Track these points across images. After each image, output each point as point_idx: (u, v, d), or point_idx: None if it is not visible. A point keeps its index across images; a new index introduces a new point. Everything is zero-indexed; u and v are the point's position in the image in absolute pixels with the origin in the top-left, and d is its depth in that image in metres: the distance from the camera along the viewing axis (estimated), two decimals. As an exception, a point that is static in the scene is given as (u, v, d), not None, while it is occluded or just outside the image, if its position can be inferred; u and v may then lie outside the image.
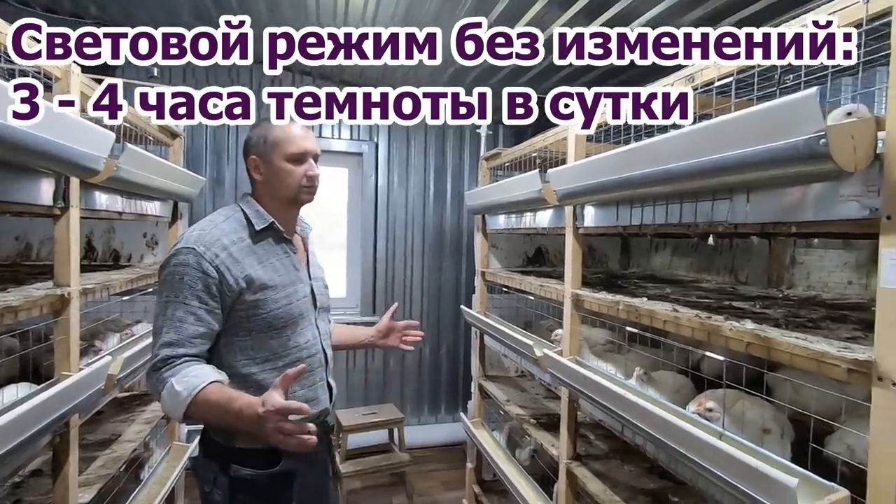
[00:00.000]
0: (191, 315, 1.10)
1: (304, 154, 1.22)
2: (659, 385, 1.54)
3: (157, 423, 2.21)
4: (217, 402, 1.03)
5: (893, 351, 0.78)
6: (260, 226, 1.22)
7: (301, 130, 1.23)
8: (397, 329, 1.55)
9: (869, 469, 0.81)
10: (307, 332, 1.27)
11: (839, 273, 1.83)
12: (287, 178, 1.22)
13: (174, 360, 1.08)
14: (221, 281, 1.12)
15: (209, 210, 3.43)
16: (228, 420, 1.03)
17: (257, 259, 1.19)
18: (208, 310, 1.11)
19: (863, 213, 0.83)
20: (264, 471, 1.15)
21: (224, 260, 1.13)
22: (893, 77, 0.77)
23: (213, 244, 1.14)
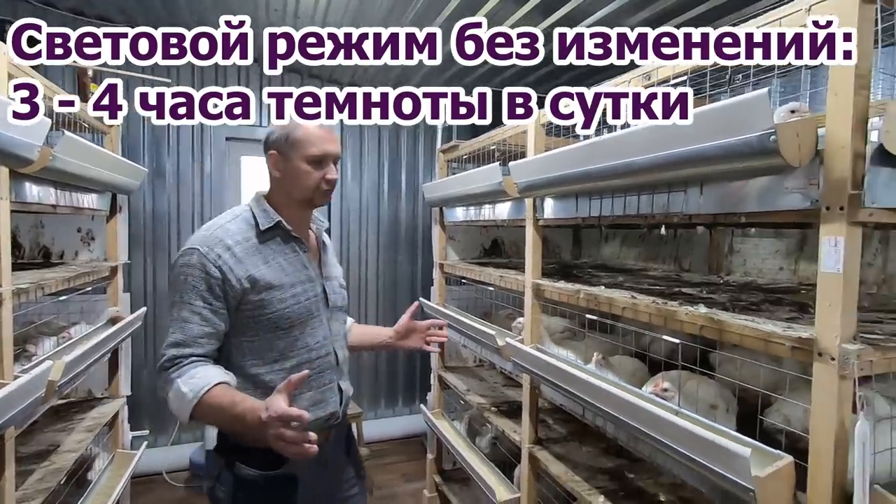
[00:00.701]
0: (196, 315, 1.11)
1: (324, 157, 1.20)
2: (616, 369, 1.62)
3: (100, 430, 2.07)
4: (221, 405, 1.03)
5: (831, 330, 0.86)
6: (265, 225, 1.20)
7: (324, 132, 1.21)
8: (419, 329, 1.48)
9: (811, 436, 0.89)
10: (317, 333, 1.24)
11: (772, 260, 1.99)
12: (304, 180, 1.20)
13: (181, 360, 1.08)
14: (224, 281, 1.12)
15: (148, 204, 3.24)
16: (232, 423, 1.04)
17: (262, 259, 1.18)
18: (213, 310, 1.12)
19: (805, 203, 0.91)
20: (267, 472, 1.15)
21: (227, 260, 1.13)
22: (833, 79, 0.84)
23: (217, 244, 1.14)
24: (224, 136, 3.38)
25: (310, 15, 2.61)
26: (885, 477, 0.92)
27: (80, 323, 2.17)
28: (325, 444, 1.20)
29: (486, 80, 3.11)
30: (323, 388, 1.24)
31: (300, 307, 1.20)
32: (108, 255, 2.37)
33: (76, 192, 1.87)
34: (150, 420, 3.30)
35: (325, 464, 1.26)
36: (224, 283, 1.12)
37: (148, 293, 3.27)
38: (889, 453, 0.94)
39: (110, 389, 2.37)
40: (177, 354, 1.09)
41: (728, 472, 0.93)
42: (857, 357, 0.83)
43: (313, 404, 1.19)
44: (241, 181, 3.53)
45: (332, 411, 1.25)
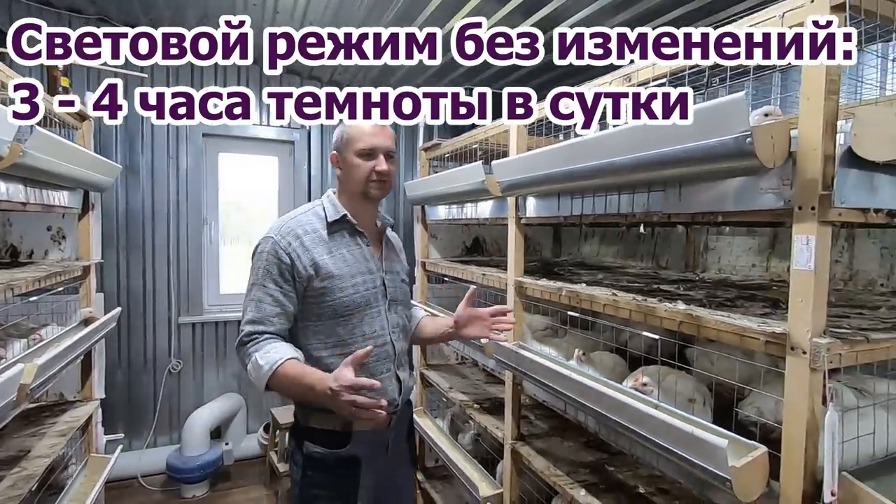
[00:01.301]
0: (268, 296, 1.24)
1: (372, 150, 1.29)
2: (597, 365, 1.65)
3: (72, 435, 2.01)
4: (293, 376, 1.15)
5: (803, 324, 0.90)
6: (332, 218, 1.31)
7: (373, 128, 1.30)
8: (482, 317, 1.45)
9: (783, 426, 0.93)
10: (375, 322, 1.32)
11: (745, 257, 2.05)
12: (356, 173, 1.30)
13: (257, 336, 1.22)
14: (293, 266, 1.25)
15: (121, 202, 3.15)
16: (303, 393, 1.16)
17: (327, 249, 1.29)
18: (283, 292, 1.25)
19: (779, 203, 0.95)
20: (333, 450, 1.27)
21: (296, 248, 1.26)
22: (805, 82, 0.88)
23: (288, 234, 1.27)
24: (201, 132, 3.31)
25: (289, 11, 2.57)
26: (852, 464, 0.97)
27: (51, 324, 2.10)
28: (385, 431, 1.34)
29: (471, 77, 3.11)
30: (380, 377, 1.30)
31: (359, 296, 1.29)
32: (80, 255, 2.30)
33: (47, 190, 1.81)
34: (125, 423, 3.22)
35: (386, 449, 1.36)
36: (293, 269, 1.24)
37: (122, 293, 3.18)
38: (856, 442, 0.98)
39: (83, 392, 2.31)
40: (252, 331, 1.22)
41: (705, 462, 0.96)
42: (827, 350, 0.87)
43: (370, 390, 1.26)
44: (218, 178, 3.47)
45: (390, 399, 1.31)
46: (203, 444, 3.10)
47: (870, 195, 0.89)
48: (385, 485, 1.38)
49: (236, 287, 3.51)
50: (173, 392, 3.35)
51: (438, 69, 3.06)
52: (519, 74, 3.01)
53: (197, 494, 3.04)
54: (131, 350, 3.24)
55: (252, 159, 3.58)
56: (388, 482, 1.39)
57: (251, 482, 3.22)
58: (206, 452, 3.08)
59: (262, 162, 3.61)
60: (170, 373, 3.32)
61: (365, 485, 1.31)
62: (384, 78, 3.34)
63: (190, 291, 3.34)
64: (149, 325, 3.28)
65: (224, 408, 3.32)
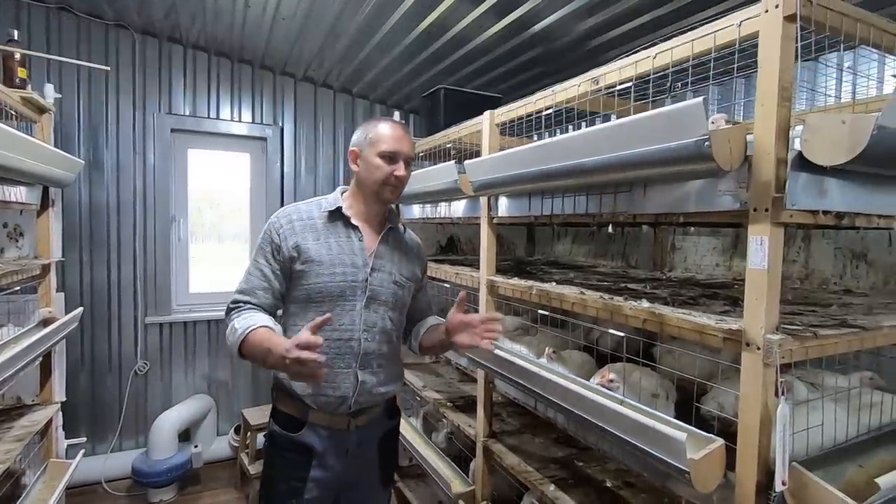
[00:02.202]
0: (258, 271, 1.35)
1: (395, 154, 1.34)
2: (567, 362, 1.68)
3: (30, 439, 1.94)
4: (259, 340, 1.20)
5: (757, 321, 0.93)
6: (327, 209, 1.38)
7: (399, 132, 1.36)
8: (472, 324, 1.35)
9: (739, 418, 0.97)
10: (345, 316, 1.34)
11: (709, 257, 2.12)
12: (375, 172, 1.34)
13: (241, 304, 1.32)
14: (280, 247, 1.33)
15: (84, 198, 3.05)
16: (263, 356, 1.19)
17: (315, 236, 1.35)
18: (272, 269, 1.35)
19: (735, 205, 0.98)
20: (288, 433, 1.35)
21: (287, 231, 1.34)
22: (760, 90, 0.91)
23: (283, 218, 1.37)
24: (169, 127, 3.22)
25: (261, 5, 2.53)
26: (803, 455, 1.01)
27: (7, 325, 2.02)
28: (345, 431, 1.37)
29: (445, 78, 3.12)
30: (337, 370, 1.33)
31: (335, 286, 1.33)
32: (38, 253, 2.21)
33: (2, 185, 1.73)
34: (88, 427, 3.12)
35: (346, 452, 1.38)
36: (280, 250, 1.33)
37: (85, 292, 3.08)
38: (807, 433, 1.03)
39: (42, 395, 2.22)
40: (238, 299, 1.33)
41: (666, 455, 0.99)
42: (779, 346, 0.91)
43: (325, 381, 1.27)
44: (187, 175, 3.39)
45: (342, 395, 1.34)
46: (171, 446, 3.03)
47: (819, 198, 0.94)
48: (343, 489, 1.40)
49: (208, 286, 3.43)
50: (140, 394, 3.26)
51: (413, 68, 3.06)
52: (495, 74, 3.03)
53: (164, 499, 2.97)
54: (95, 351, 3.14)
55: (223, 156, 3.51)
56: (348, 488, 1.41)
57: (221, 485, 3.16)
58: (173, 455, 3.01)
59: (234, 158, 3.54)
60: (136, 374, 3.23)
61: (315, 478, 1.34)
62: (360, 74, 3.31)
63: (157, 291, 3.26)
64: (114, 326, 3.18)
65: (193, 409, 3.25)
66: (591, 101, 1.40)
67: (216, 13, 2.70)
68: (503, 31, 2.46)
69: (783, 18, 0.88)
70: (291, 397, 1.36)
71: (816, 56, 1.05)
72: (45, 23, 2.86)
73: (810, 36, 0.96)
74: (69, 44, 2.92)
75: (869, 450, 1.11)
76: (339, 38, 2.79)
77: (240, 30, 2.88)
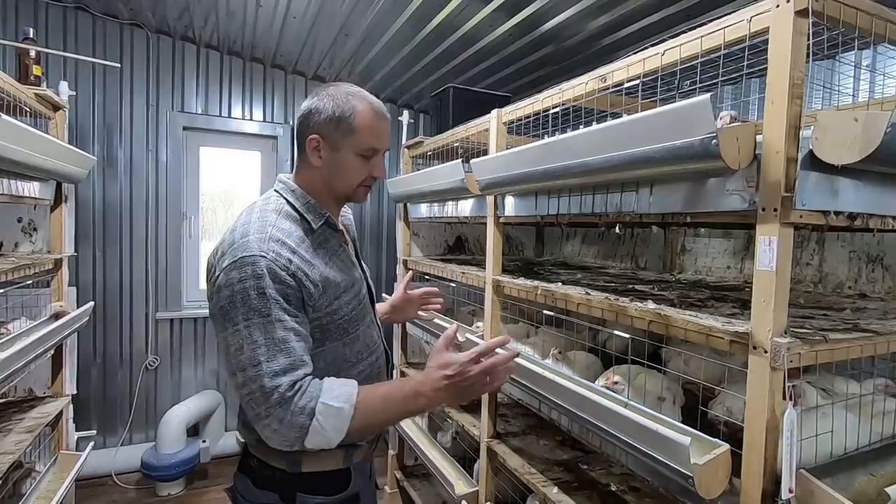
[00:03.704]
0: (290, 332, 0.92)
1: (376, 152, 1.07)
2: (572, 364, 1.66)
3: (41, 431, 1.97)
4: (382, 396, 0.95)
5: (765, 324, 0.91)
6: (318, 223, 1.05)
7: (381, 122, 1.06)
8: (413, 299, 1.42)
9: (745, 423, 0.94)
10: (372, 331, 1.14)
11: (720, 259, 2.08)
12: (350, 174, 1.05)
13: (301, 383, 0.91)
14: (301, 288, 0.95)
15: (98, 194, 3.09)
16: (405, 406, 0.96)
17: (323, 260, 1.02)
18: (300, 321, 0.95)
19: (744, 205, 0.96)
20: (334, 496, 1.05)
21: (299, 265, 0.95)
22: (770, 88, 0.89)
23: (281, 249, 0.95)
24: (181, 125, 3.26)
25: (272, 4, 2.55)
26: (813, 462, 0.99)
27: (20, 318, 2.06)
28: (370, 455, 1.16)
29: (454, 77, 3.11)
30: None
31: (360, 307, 1.09)
32: (52, 247, 2.25)
33: (15, 180, 1.76)
34: (99, 420, 3.16)
35: (368, 476, 1.19)
36: (301, 292, 0.95)
37: (97, 288, 3.13)
38: (815, 440, 1.00)
39: (53, 388, 2.26)
40: (294, 379, 0.90)
41: (670, 460, 0.97)
42: (787, 350, 0.88)
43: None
44: (199, 172, 3.42)
45: None
46: (179, 441, 3.06)
47: (830, 198, 0.91)
48: None
49: (216, 283, 3.46)
50: (150, 389, 3.30)
51: (422, 67, 3.06)
52: (504, 74, 3.01)
53: (172, 493, 3.00)
54: (107, 345, 3.18)
55: (235, 154, 3.54)
56: None
57: (228, 480, 3.18)
58: (182, 450, 3.04)
59: (245, 157, 3.57)
60: (146, 369, 3.27)
61: None
62: (370, 74, 3.32)
63: (168, 286, 3.29)
64: (125, 321, 3.22)
65: (202, 405, 3.28)
66: (599, 100, 1.39)
67: (229, 13, 2.72)
68: (512, 30, 2.44)
69: (795, 13, 0.86)
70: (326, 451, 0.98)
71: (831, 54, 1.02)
72: (62, 21, 2.91)
73: (823, 32, 0.94)
74: (85, 42, 2.96)
75: (881, 459, 1.07)
76: (349, 36, 2.80)
77: (251, 29, 2.91)
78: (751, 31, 0.94)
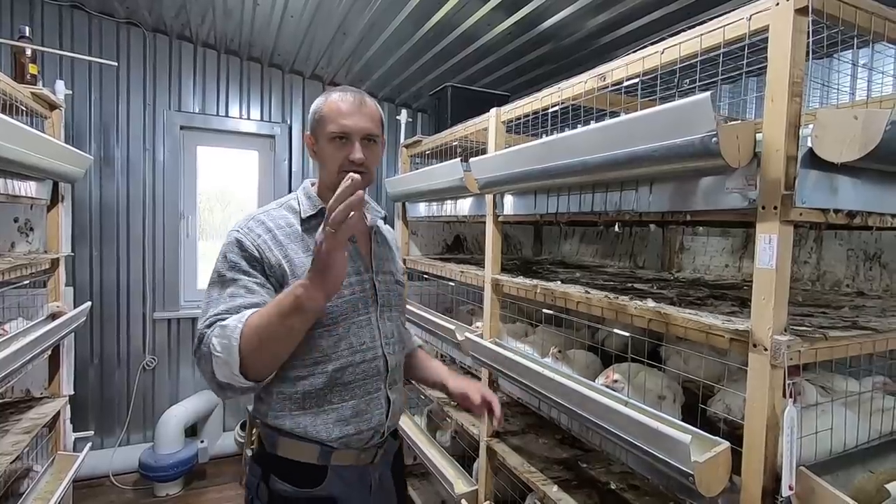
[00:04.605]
0: (241, 288, 1.01)
1: (346, 133, 1.07)
2: (572, 362, 1.67)
3: (38, 432, 1.96)
4: (266, 313, 0.93)
5: (765, 322, 0.91)
6: (308, 213, 1.12)
7: (347, 105, 1.08)
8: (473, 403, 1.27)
9: (745, 421, 0.95)
10: (363, 333, 1.11)
11: (719, 257, 2.09)
12: (329, 161, 1.09)
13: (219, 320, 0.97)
14: (262, 259, 1.04)
15: (95, 194, 3.08)
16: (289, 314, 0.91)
17: (304, 246, 1.08)
18: (258, 282, 1.03)
19: (744, 203, 0.96)
20: (305, 489, 1.05)
21: (266, 241, 1.06)
22: (770, 86, 0.89)
23: (256, 227, 1.08)
24: (178, 124, 3.25)
25: (269, 3, 2.54)
26: (813, 459, 0.99)
27: (17, 318, 2.05)
28: (369, 466, 1.14)
29: (452, 76, 3.11)
30: (368, 397, 1.11)
31: (345, 302, 1.09)
32: (48, 247, 2.24)
33: (11, 180, 1.75)
34: (97, 421, 3.15)
35: (369, 487, 1.14)
36: (262, 263, 1.04)
37: (94, 288, 3.11)
38: (815, 437, 1.01)
39: (50, 388, 2.25)
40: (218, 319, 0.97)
41: (670, 458, 0.97)
42: (788, 347, 0.88)
43: (355, 415, 1.09)
44: (196, 172, 3.41)
45: (376, 424, 1.12)
46: (177, 441, 3.05)
47: (830, 196, 0.91)
48: None
49: (214, 283, 3.46)
50: (147, 389, 3.29)
51: (420, 66, 3.05)
52: (503, 73, 3.01)
53: (171, 493, 2.99)
54: (104, 346, 3.17)
55: (232, 153, 3.53)
56: None
57: (226, 480, 3.18)
58: (180, 450, 3.03)
59: (243, 156, 3.56)
60: (144, 369, 3.25)
61: None
62: (368, 72, 3.31)
63: (165, 286, 3.28)
64: (122, 321, 3.21)
65: (200, 405, 3.27)
66: (598, 98, 1.39)
67: (226, 11, 2.71)
68: (511, 28, 2.44)
69: (794, 11, 0.86)
70: (304, 440, 1.05)
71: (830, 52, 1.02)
72: (58, 20, 2.90)
73: (823, 30, 0.94)
74: (81, 41, 2.95)
75: (881, 455, 1.08)
76: (347, 35, 2.79)
77: (249, 28, 2.90)
78: (750, 30, 0.94)
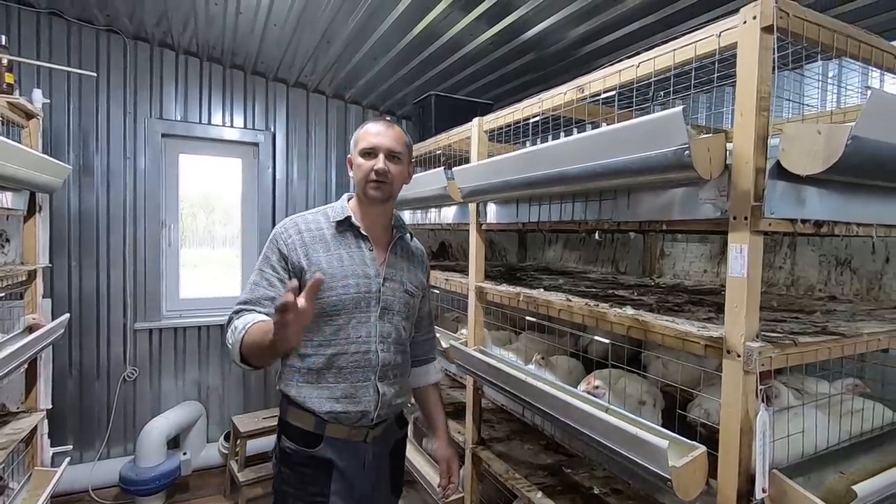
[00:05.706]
0: (264, 280, 1.28)
1: (373, 149, 1.30)
2: (555, 368, 1.68)
3: (14, 447, 1.92)
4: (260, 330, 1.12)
5: (737, 329, 0.94)
6: (335, 219, 1.34)
7: (378, 128, 1.32)
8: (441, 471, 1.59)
9: (721, 425, 0.97)
10: (361, 328, 1.30)
11: (697, 263, 2.13)
12: (357, 172, 1.32)
13: (244, 312, 1.22)
14: (288, 258, 1.28)
15: (74, 203, 3.03)
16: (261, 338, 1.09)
17: (325, 247, 1.31)
18: (279, 278, 1.28)
19: (716, 213, 0.99)
20: (304, 448, 1.28)
21: (294, 242, 1.30)
22: (739, 99, 0.92)
23: (291, 228, 1.32)
24: (160, 132, 3.21)
25: (252, 9, 2.53)
26: (786, 462, 1.02)
27: (-8, 332, 2.00)
28: (361, 443, 1.32)
29: (436, 84, 3.14)
30: (357, 384, 1.29)
31: (348, 298, 1.28)
32: (25, 258, 2.20)
33: (-13, 190, 1.72)
34: (75, 434, 3.08)
35: (363, 462, 1.33)
36: (287, 260, 1.28)
37: (73, 299, 3.05)
38: (787, 440, 1.03)
39: (27, 403, 2.20)
40: (241, 308, 1.24)
41: (649, 463, 0.99)
42: (759, 354, 0.91)
43: (345, 396, 1.28)
44: (178, 180, 3.37)
45: (363, 409, 1.30)
46: (159, 454, 2.99)
47: (798, 206, 0.94)
48: (360, 501, 1.34)
49: (201, 291, 3.42)
50: (128, 401, 3.23)
51: (405, 74, 3.07)
52: (486, 81, 3.04)
53: (152, 507, 2.93)
54: (83, 358, 3.10)
55: (215, 161, 3.50)
56: (365, 501, 1.35)
57: (210, 493, 3.13)
58: (162, 463, 2.97)
59: (226, 164, 3.53)
60: (124, 381, 3.19)
61: (337, 491, 1.28)
62: (352, 80, 3.32)
63: (147, 296, 3.23)
64: (102, 332, 3.15)
65: (182, 416, 3.22)
66: (578, 109, 1.42)
67: (208, 19, 2.70)
68: (495, 37, 2.47)
69: (760, 30, 0.89)
70: (305, 411, 1.29)
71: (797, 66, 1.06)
72: (36, 27, 2.85)
73: (788, 46, 0.98)
74: (59, 49, 2.91)
75: (851, 456, 1.11)
76: (331, 43, 2.80)
77: (231, 35, 2.89)
78: (721, 46, 0.97)
